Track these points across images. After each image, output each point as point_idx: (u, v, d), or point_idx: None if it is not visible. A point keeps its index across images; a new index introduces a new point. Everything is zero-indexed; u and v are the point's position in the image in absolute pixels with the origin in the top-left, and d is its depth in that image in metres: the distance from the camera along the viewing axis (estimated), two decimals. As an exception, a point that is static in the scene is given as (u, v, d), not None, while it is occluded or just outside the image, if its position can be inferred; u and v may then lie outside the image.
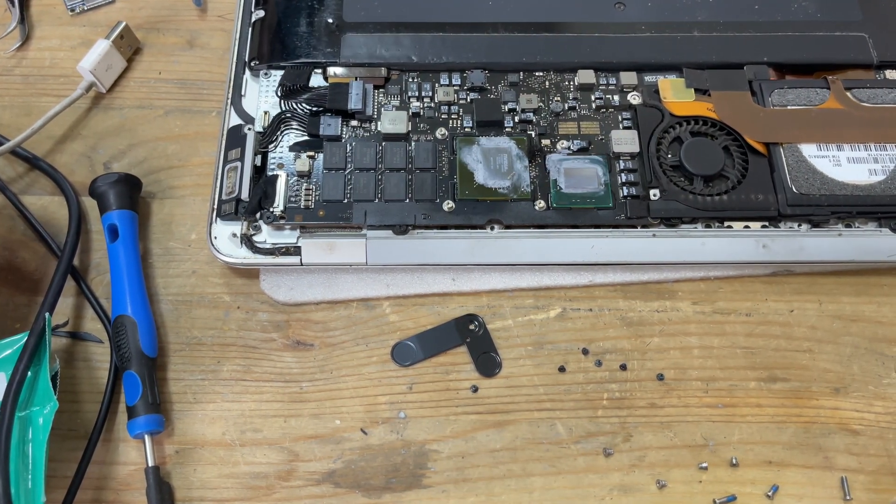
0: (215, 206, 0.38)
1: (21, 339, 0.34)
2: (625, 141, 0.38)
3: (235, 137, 0.39)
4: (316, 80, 0.40)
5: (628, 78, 0.40)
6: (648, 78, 0.40)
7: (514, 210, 0.37)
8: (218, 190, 0.38)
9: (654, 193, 0.37)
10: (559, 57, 0.41)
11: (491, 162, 0.38)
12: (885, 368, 0.37)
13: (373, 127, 0.39)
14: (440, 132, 0.39)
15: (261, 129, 0.39)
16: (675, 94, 0.40)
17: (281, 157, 0.38)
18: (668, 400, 0.36)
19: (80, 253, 0.39)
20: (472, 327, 0.38)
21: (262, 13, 0.42)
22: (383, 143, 0.38)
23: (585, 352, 0.37)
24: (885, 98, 0.39)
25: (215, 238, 0.37)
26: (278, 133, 0.39)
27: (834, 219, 0.37)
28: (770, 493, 0.35)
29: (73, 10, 0.46)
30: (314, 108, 0.39)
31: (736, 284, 0.39)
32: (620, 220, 0.37)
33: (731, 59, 0.40)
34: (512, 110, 0.39)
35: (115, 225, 0.38)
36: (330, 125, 0.39)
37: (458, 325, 0.38)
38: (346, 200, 0.37)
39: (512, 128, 0.39)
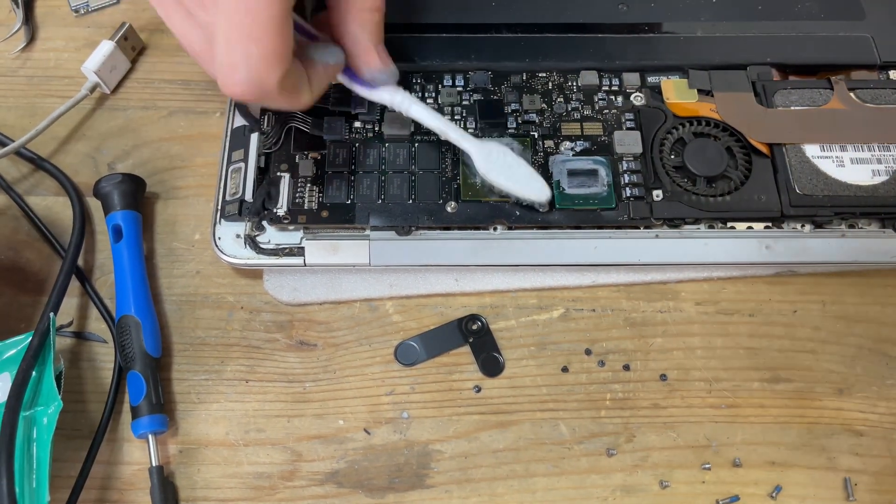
0: (219, 207, 0.38)
1: (25, 339, 0.34)
2: (628, 142, 0.38)
3: (239, 138, 0.39)
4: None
5: (631, 79, 0.40)
6: (651, 79, 0.40)
7: (516, 211, 0.37)
8: (222, 191, 0.38)
9: (657, 194, 0.37)
10: (562, 58, 0.41)
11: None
12: (888, 369, 0.37)
13: (376, 128, 0.39)
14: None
15: (264, 131, 0.39)
16: (678, 94, 0.40)
17: (284, 159, 0.38)
18: (671, 400, 0.36)
19: (84, 253, 0.40)
20: (475, 328, 0.38)
21: (265, 14, 0.42)
22: (387, 145, 0.39)
23: (588, 352, 0.37)
24: (888, 99, 0.39)
25: (219, 239, 0.37)
26: (282, 134, 0.39)
27: (837, 220, 0.37)
28: (773, 494, 0.35)
29: (77, 11, 0.46)
30: (318, 110, 0.39)
31: (739, 285, 0.39)
32: (623, 221, 0.37)
33: (735, 59, 0.40)
34: (515, 111, 0.39)
35: (119, 225, 0.38)
36: (334, 127, 0.39)
37: (461, 325, 0.38)
38: (349, 202, 0.37)
39: (515, 129, 0.39)
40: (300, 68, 0.31)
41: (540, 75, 0.41)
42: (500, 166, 0.36)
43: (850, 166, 0.38)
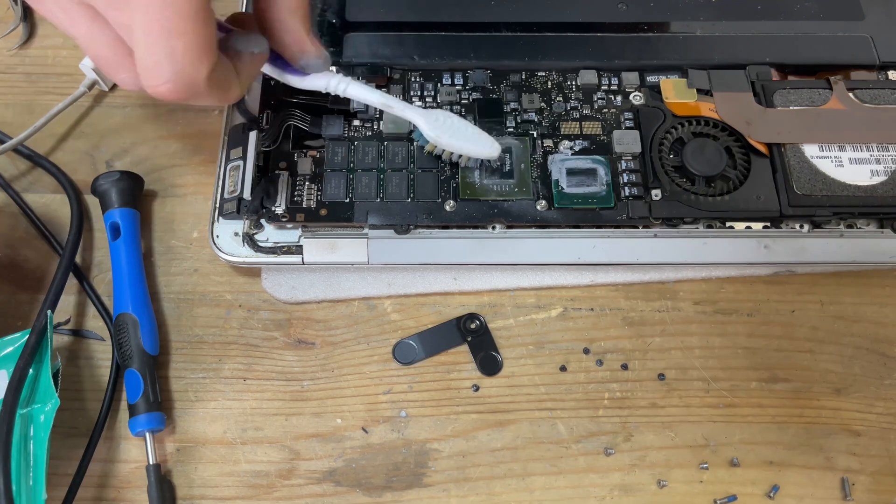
0: (217, 205, 0.38)
1: (23, 336, 0.34)
2: (627, 141, 0.38)
3: (238, 136, 0.39)
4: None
5: (630, 78, 0.40)
6: (650, 78, 0.40)
7: (515, 210, 0.37)
8: (220, 188, 0.38)
9: (656, 194, 0.37)
10: (561, 57, 0.41)
11: (493, 162, 0.38)
12: (886, 369, 0.37)
13: (375, 127, 0.39)
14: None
15: (263, 129, 0.39)
16: (678, 94, 0.40)
17: (283, 157, 0.38)
18: (669, 400, 0.36)
19: (82, 251, 0.39)
20: (473, 326, 0.38)
21: (264, 12, 0.42)
22: (385, 143, 0.38)
23: (587, 351, 0.37)
24: (887, 99, 0.39)
25: (217, 237, 0.37)
26: (280, 132, 0.39)
27: (835, 219, 0.37)
28: (771, 494, 0.35)
29: (75, 8, 0.46)
30: (317, 108, 0.39)
31: (737, 284, 0.39)
32: (622, 220, 0.37)
33: (734, 59, 0.40)
34: (514, 110, 0.39)
35: (117, 223, 0.38)
36: (332, 125, 0.39)
37: (459, 324, 0.38)
38: (348, 200, 0.37)
39: (514, 128, 0.39)
40: (226, 61, 0.30)
41: (539, 74, 0.41)
42: (449, 129, 0.36)
43: (848, 166, 0.38)
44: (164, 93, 0.27)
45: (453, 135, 0.36)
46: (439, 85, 0.40)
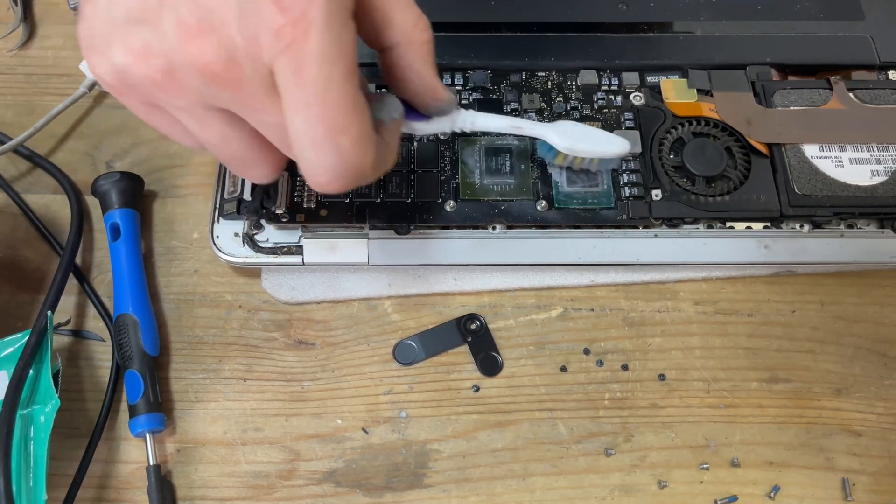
0: (217, 206, 0.38)
1: (23, 337, 0.34)
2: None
3: (238, 137, 0.39)
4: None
5: (631, 78, 0.40)
6: (651, 78, 0.40)
7: (515, 210, 0.37)
8: (220, 189, 0.38)
9: (656, 194, 0.37)
10: (562, 57, 0.41)
11: (493, 162, 0.38)
12: (886, 369, 0.37)
13: (375, 126, 0.39)
14: (442, 132, 0.39)
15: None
16: (678, 94, 0.40)
17: (283, 157, 0.38)
18: (669, 400, 0.36)
19: (82, 252, 0.39)
20: (473, 327, 0.38)
21: (264, 12, 0.42)
22: (385, 143, 0.38)
23: (587, 352, 0.37)
24: (887, 99, 0.39)
25: (217, 237, 0.37)
26: (280, 132, 0.39)
27: (836, 220, 0.37)
28: (771, 494, 0.35)
29: (76, 8, 0.46)
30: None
31: (738, 285, 0.39)
32: (622, 221, 0.37)
33: (734, 59, 0.40)
34: (514, 110, 0.39)
35: (118, 224, 0.38)
36: (332, 125, 0.39)
37: (459, 324, 0.38)
38: (348, 200, 0.37)
39: (514, 128, 0.39)
40: (378, 137, 0.28)
41: (539, 74, 0.41)
42: (580, 136, 0.35)
43: (849, 166, 0.38)
44: (335, 188, 0.26)
45: (585, 141, 0.35)
46: (439, 85, 0.40)
